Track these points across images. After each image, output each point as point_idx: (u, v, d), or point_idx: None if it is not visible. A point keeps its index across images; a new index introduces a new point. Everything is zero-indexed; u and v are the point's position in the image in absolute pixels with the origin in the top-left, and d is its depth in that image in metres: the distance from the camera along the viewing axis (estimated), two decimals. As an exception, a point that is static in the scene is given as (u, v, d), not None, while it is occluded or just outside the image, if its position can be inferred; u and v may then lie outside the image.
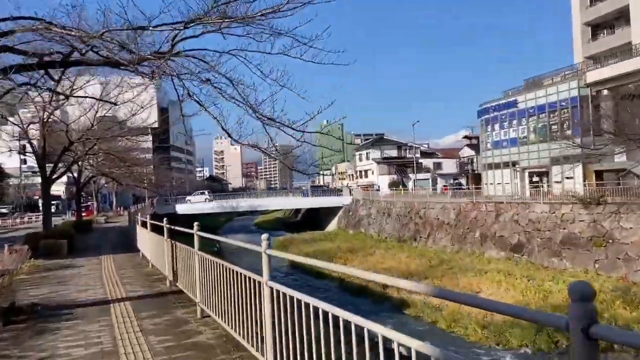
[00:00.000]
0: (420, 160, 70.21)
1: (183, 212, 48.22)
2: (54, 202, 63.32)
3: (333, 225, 53.40)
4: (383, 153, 74.37)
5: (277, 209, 72.44)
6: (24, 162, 55.50)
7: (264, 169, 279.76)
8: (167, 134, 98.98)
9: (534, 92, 39.57)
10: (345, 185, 70.47)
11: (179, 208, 51.20)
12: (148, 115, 23.19)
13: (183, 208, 51.17)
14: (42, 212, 22.24)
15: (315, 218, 58.14)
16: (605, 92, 34.81)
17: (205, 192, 59.60)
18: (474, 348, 16.72)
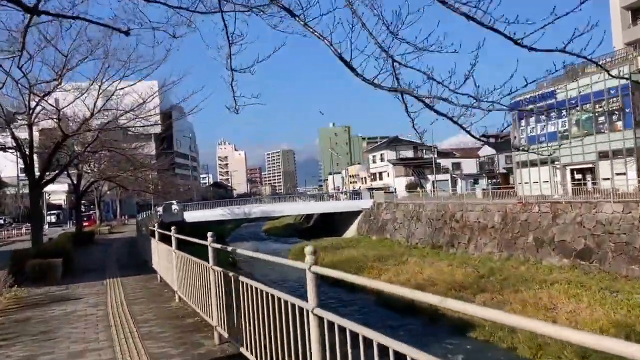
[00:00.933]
0: (438, 161, 66.75)
1: (192, 220, 45.04)
2: (55, 211, 59.86)
3: (352, 231, 50.01)
4: (398, 154, 71.01)
5: (287, 215, 68.82)
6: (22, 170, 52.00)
7: (268, 174, 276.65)
8: (170, 140, 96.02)
9: (576, 81, 36.05)
10: (360, 188, 66.99)
11: (187, 216, 47.91)
12: (154, 107, 19.73)
13: (192, 216, 47.86)
14: (30, 224, 18.46)
15: (330, 223, 54.93)
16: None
17: (174, 202, 53.81)
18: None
